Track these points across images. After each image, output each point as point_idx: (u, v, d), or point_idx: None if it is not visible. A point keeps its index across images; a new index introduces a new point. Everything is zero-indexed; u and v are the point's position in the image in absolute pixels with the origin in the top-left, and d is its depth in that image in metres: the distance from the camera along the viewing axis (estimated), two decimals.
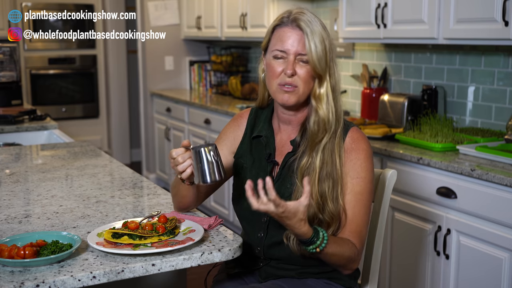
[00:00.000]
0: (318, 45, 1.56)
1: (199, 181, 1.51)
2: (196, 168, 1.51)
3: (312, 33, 1.56)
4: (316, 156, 1.58)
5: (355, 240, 1.58)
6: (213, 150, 1.50)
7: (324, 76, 1.59)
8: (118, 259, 1.36)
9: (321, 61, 1.57)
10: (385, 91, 3.46)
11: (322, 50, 1.57)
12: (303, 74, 1.58)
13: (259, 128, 1.72)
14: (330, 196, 1.57)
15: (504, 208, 2.20)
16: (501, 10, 2.39)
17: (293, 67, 1.58)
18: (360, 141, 1.63)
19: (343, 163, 1.60)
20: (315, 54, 1.56)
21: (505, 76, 2.82)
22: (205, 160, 1.49)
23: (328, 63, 1.59)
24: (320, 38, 1.57)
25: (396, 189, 2.62)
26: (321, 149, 1.58)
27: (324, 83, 1.59)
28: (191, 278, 2.93)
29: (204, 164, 1.49)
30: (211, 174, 1.50)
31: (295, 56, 1.58)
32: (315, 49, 1.56)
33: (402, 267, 2.68)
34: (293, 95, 1.60)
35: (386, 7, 3.01)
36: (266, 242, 1.66)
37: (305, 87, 1.60)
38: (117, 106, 6.59)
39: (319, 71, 1.57)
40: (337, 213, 1.58)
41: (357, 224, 1.59)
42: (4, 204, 1.84)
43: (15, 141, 3.29)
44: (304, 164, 1.59)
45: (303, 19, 1.58)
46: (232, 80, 4.96)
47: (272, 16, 4.15)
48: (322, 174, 1.57)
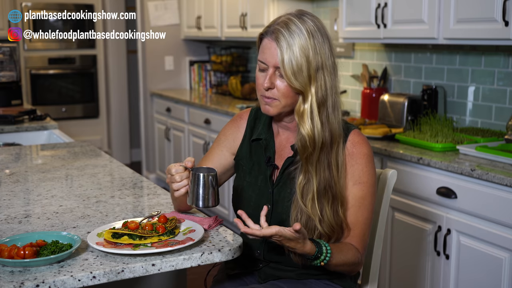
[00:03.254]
0: (294, 59, 1.48)
1: (192, 203, 1.51)
2: (191, 190, 1.50)
3: (288, 46, 1.48)
4: (312, 172, 1.55)
5: (359, 245, 1.59)
6: (212, 177, 1.50)
7: (306, 90, 1.51)
8: (118, 259, 1.36)
9: (298, 75, 1.49)
10: (385, 91, 3.46)
11: (300, 64, 1.48)
12: (282, 89, 1.53)
13: (259, 131, 1.71)
14: (330, 210, 1.55)
15: (504, 208, 2.20)
16: (501, 10, 2.39)
17: (270, 80, 1.53)
18: (361, 144, 1.61)
19: (344, 172, 1.58)
20: (289, 68, 1.49)
21: (505, 76, 2.82)
22: (201, 185, 1.49)
23: (312, 76, 1.50)
24: (299, 51, 1.48)
25: (396, 189, 2.62)
26: (314, 164, 1.54)
27: (308, 98, 1.52)
28: (191, 278, 2.93)
29: (200, 189, 1.49)
30: (205, 200, 1.50)
31: (274, 69, 1.53)
32: (289, 64, 1.48)
33: (402, 267, 2.68)
34: (274, 107, 1.57)
35: (386, 7, 3.01)
36: (266, 246, 1.66)
37: (287, 100, 1.55)
38: (117, 106, 6.59)
39: (296, 86, 1.50)
40: (337, 225, 1.57)
41: (360, 228, 1.59)
42: (4, 204, 1.84)
43: (15, 141, 3.29)
44: (301, 181, 1.56)
45: (282, 30, 1.50)
46: (232, 80, 4.96)
47: (272, 16, 4.15)
48: (320, 190, 1.55)
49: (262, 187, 1.65)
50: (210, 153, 1.76)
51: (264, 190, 1.64)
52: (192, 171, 1.50)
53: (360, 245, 1.59)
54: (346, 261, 1.55)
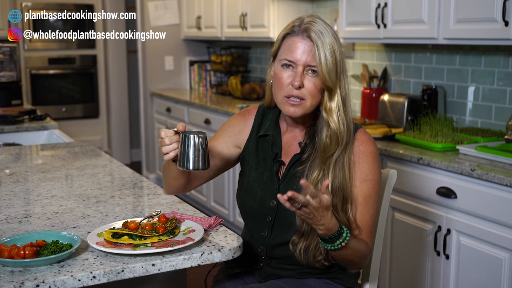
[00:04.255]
0: (329, 57, 1.53)
1: (182, 166, 1.49)
2: (181, 153, 1.48)
3: (323, 45, 1.53)
4: (327, 170, 1.56)
5: (366, 240, 1.60)
6: (202, 138, 1.47)
7: (335, 88, 1.56)
8: (118, 259, 1.36)
9: (331, 73, 1.53)
10: (385, 91, 3.46)
11: (333, 62, 1.53)
12: (310, 87, 1.56)
13: (266, 127, 1.71)
14: (340, 209, 1.57)
15: (504, 208, 2.20)
16: (501, 10, 2.39)
17: (301, 79, 1.55)
18: (368, 143, 1.62)
19: (353, 171, 1.59)
20: (325, 66, 1.53)
21: (505, 76, 2.82)
22: (192, 146, 1.46)
23: (339, 75, 1.55)
24: (331, 50, 1.53)
25: (396, 189, 2.63)
26: (333, 163, 1.57)
27: (335, 96, 1.56)
28: (191, 278, 2.93)
29: (190, 150, 1.47)
30: (195, 162, 1.47)
31: (304, 68, 1.55)
32: (325, 61, 1.53)
33: (402, 267, 2.68)
34: (300, 108, 1.58)
35: (386, 7, 3.01)
36: (270, 242, 1.66)
37: (312, 100, 1.57)
38: (117, 106, 6.59)
39: (329, 84, 1.54)
40: (345, 224, 1.57)
41: (367, 225, 1.60)
42: (4, 204, 1.84)
43: (15, 141, 3.29)
44: (316, 177, 1.57)
45: (314, 29, 1.54)
46: (232, 80, 4.96)
47: (272, 16, 4.15)
48: (334, 188, 1.56)
49: (268, 183, 1.65)
50: (213, 142, 1.74)
51: (270, 185, 1.65)
52: (181, 133, 1.49)
53: (368, 240, 1.60)
54: (360, 249, 1.55)
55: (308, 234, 1.57)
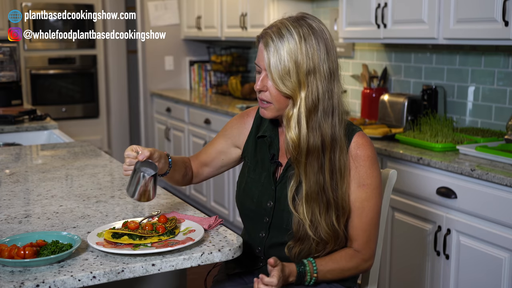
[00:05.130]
0: (281, 64, 1.48)
1: (126, 190, 1.58)
2: (130, 179, 1.57)
3: (276, 50, 1.49)
4: (302, 175, 1.55)
5: (362, 247, 1.60)
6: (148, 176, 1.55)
7: (295, 95, 1.51)
8: (118, 259, 1.36)
9: (285, 80, 1.49)
10: (385, 91, 3.46)
11: (286, 69, 1.48)
12: (272, 91, 1.54)
13: (264, 128, 1.72)
14: (324, 221, 1.55)
15: (504, 208, 2.20)
16: (501, 10, 2.39)
17: (262, 83, 1.54)
18: (365, 146, 1.60)
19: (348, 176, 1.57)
20: (275, 72, 1.50)
21: (505, 76, 2.82)
22: (136, 179, 1.55)
23: (302, 81, 1.49)
24: (287, 56, 1.48)
25: (396, 189, 2.63)
26: (303, 168, 1.54)
27: (297, 103, 1.51)
28: (191, 278, 2.93)
29: (134, 182, 1.55)
30: (135, 193, 1.56)
31: (266, 72, 1.54)
32: (276, 67, 1.49)
33: (402, 267, 2.68)
34: (268, 110, 1.58)
35: (386, 7, 3.01)
36: (267, 242, 1.66)
37: (280, 104, 1.55)
38: (117, 106, 6.59)
39: (283, 90, 1.51)
40: (334, 233, 1.56)
41: (364, 230, 1.60)
42: (4, 204, 1.84)
43: (15, 141, 3.29)
44: (293, 185, 1.57)
45: (271, 34, 1.50)
46: (232, 80, 4.96)
47: (272, 16, 4.15)
48: (310, 194, 1.54)
49: (265, 184, 1.66)
50: (214, 141, 1.81)
51: (267, 186, 1.65)
52: (136, 164, 1.56)
53: (364, 247, 1.60)
54: (345, 266, 1.57)
55: (303, 239, 1.57)
